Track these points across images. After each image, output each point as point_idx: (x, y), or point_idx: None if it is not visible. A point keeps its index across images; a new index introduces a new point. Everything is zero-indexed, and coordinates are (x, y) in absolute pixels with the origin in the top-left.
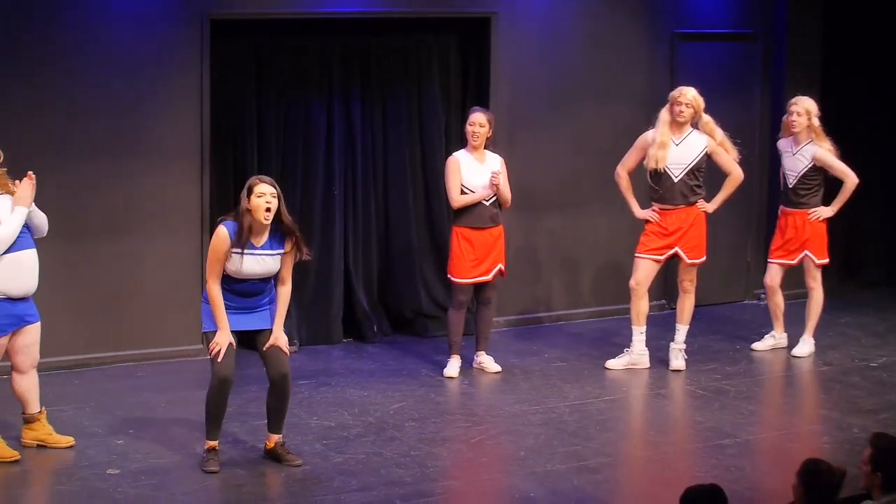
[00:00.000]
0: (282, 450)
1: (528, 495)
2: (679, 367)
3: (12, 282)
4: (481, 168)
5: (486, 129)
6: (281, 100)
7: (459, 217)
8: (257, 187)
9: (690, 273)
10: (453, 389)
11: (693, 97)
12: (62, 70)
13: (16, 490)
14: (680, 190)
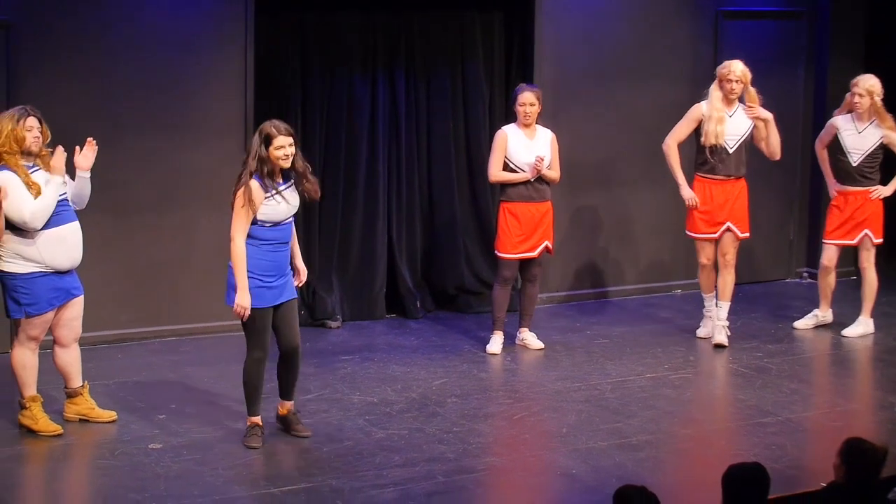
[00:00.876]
0: (293, 417)
1: (569, 472)
2: (722, 341)
3: (59, 255)
4: (530, 144)
5: (537, 107)
6: (324, 76)
7: (506, 192)
8: (276, 140)
9: (734, 247)
10: (496, 366)
11: (742, 72)
12: (107, 46)
13: (58, 464)
14: (734, 162)
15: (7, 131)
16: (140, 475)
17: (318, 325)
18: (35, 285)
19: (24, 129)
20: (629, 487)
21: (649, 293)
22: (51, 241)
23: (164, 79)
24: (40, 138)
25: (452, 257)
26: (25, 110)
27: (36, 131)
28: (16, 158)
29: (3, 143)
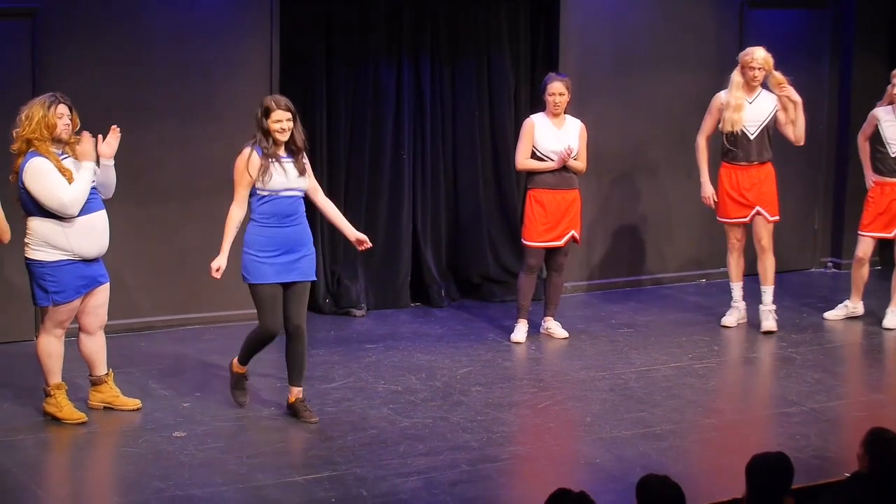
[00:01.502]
0: (300, 405)
1: (593, 461)
2: (771, 328)
3: (87, 244)
4: (558, 133)
5: (566, 96)
6: (350, 65)
7: (533, 180)
8: (274, 113)
9: (767, 231)
10: (520, 355)
11: (764, 59)
12: (132, 34)
13: (82, 452)
14: (757, 148)
15: (38, 118)
16: (164, 463)
17: (343, 313)
18: (62, 273)
19: (55, 116)
20: (652, 477)
21: (674, 282)
22: (80, 228)
23: (189, 67)
24: (70, 126)
25: (477, 246)
26: (56, 97)
27: (66, 118)
28: (46, 145)
29: (35, 130)
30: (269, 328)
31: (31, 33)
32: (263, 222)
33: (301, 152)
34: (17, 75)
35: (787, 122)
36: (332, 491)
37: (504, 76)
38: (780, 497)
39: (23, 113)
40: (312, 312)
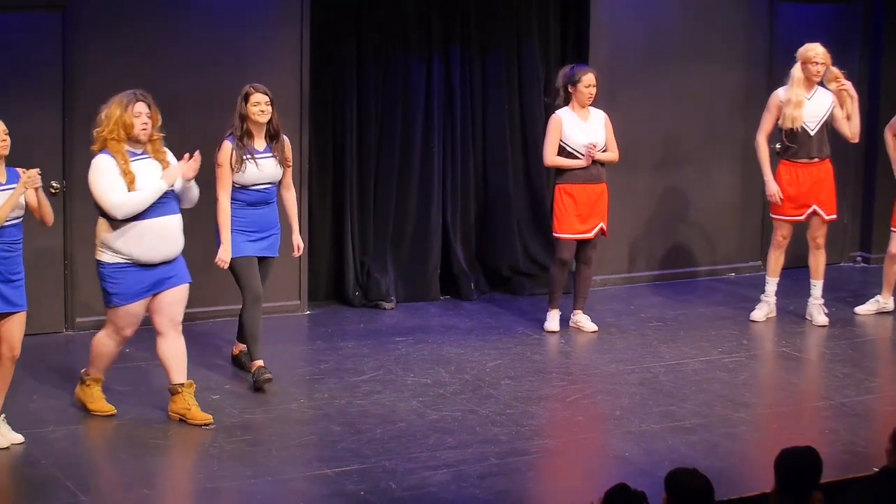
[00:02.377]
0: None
1: (622, 454)
2: (823, 322)
3: (146, 249)
4: (584, 126)
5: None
6: (380, 57)
7: (562, 174)
8: (253, 96)
9: (823, 230)
10: (550, 348)
11: (825, 54)
12: (162, 24)
13: (111, 444)
14: (817, 144)
15: (115, 117)
16: (193, 455)
17: (373, 306)
18: (121, 276)
19: (132, 115)
20: (681, 470)
21: (703, 276)
22: (139, 233)
23: (219, 58)
24: (149, 124)
25: (506, 239)
26: (134, 95)
27: (144, 117)
28: (120, 145)
29: (112, 131)
30: (254, 290)
31: (60, 25)
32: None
33: (280, 137)
34: (47, 67)
35: (843, 117)
36: (361, 484)
37: (534, 69)
38: (808, 491)
39: (102, 112)
40: (342, 305)
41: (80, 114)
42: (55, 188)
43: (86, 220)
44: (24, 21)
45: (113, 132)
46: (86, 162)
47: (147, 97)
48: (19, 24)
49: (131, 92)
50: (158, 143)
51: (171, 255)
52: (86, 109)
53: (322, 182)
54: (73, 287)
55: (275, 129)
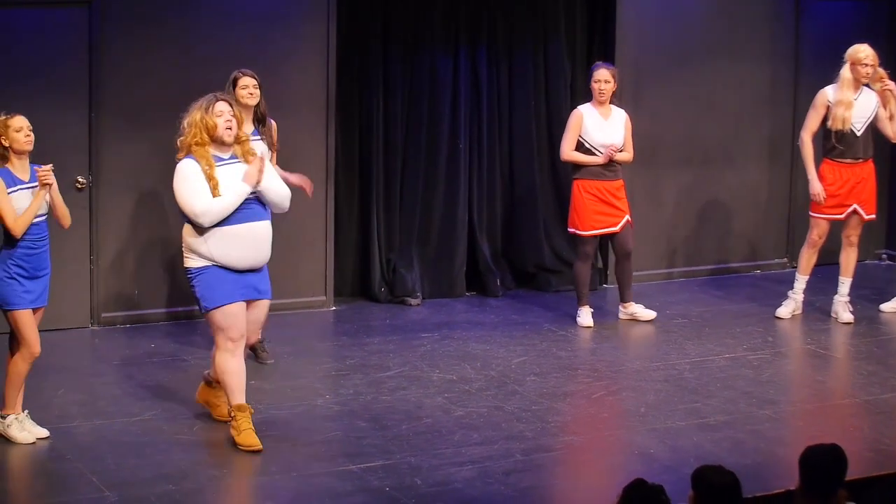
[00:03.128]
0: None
1: (647, 451)
2: (848, 319)
3: (233, 254)
4: (605, 124)
5: (612, 84)
6: (407, 53)
7: (580, 170)
8: (241, 80)
9: (860, 228)
10: (575, 344)
11: (874, 55)
12: (189, 20)
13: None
14: (863, 145)
15: (196, 121)
16: (218, 451)
17: (398, 302)
18: (209, 276)
19: (213, 116)
20: (708, 467)
21: (729, 273)
22: (223, 238)
23: (246, 54)
24: (233, 122)
25: (532, 235)
26: (214, 96)
27: (228, 115)
28: (205, 149)
29: (195, 135)
30: None
31: (87, 21)
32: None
33: (267, 121)
34: (74, 63)
35: (886, 117)
36: (386, 480)
37: (560, 66)
38: (833, 489)
39: (184, 120)
40: (368, 301)
41: (106, 109)
42: (81, 183)
43: (112, 214)
44: (50, 17)
45: (195, 136)
46: (112, 157)
47: (228, 97)
48: (46, 19)
49: (211, 94)
50: (247, 144)
51: (259, 263)
52: (112, 105)
53: (348, 179)
54: (99, 282)
55: (262, 113)
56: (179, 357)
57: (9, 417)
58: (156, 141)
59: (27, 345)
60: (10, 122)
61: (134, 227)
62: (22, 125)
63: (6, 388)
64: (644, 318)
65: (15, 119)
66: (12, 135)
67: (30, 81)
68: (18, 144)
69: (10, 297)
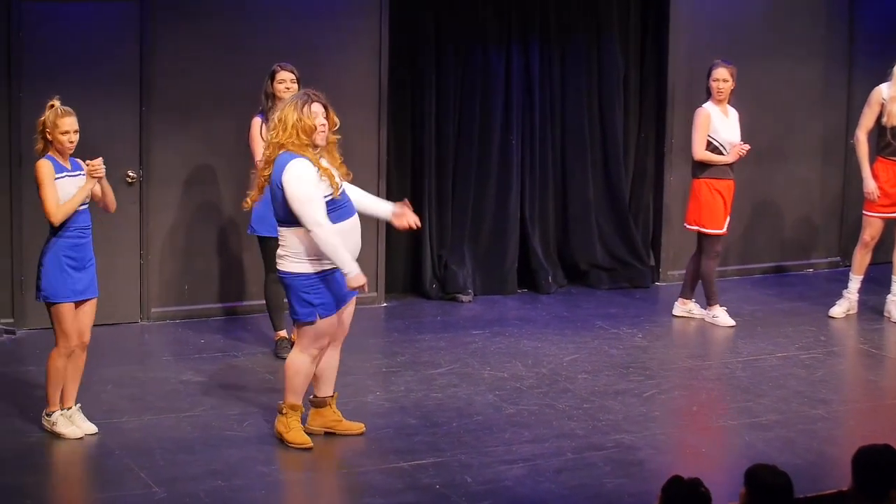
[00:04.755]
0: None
1: (699, 450)
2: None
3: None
4: (727, 122)
5: (730, 83)
6: (459, 48)
7: (706, 169)
8: (279, 74)
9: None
10: (627, 342)
11: None
12: (240, 16)
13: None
14: None
15: (292, 122)
16: (268, 447)
17: (450, 299)
18: (326, 283)
19: (310, 118)
20: (762, 466)
21: (781, 271)
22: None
23: (298, 48)
24: (326, 128)
25: (585, 232)
26: (308, 96)
27: (321, 118)
28: (310, 152)
29: (290, 136)
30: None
31: (138, 15)
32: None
33: None
34: (124, 58)
35: None
36: (436, 477)
37: (614, 60)
38: (885, 490)
39: (275, 116)
40: (419, 297)
41: (156, 103)
42: (132, 177)
43: (162, 209)
44: (101, 11)
45: (291, 137)
46: (162, 151)
47: (321, 96)
48: (97, 14)
49: (303, 92)
50: (333, 146)
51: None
52: (162, 99)
53: (400, 174)
54: (149, 277)
55: None
56: (230, 353)
57: (54, 415)
58: (206, 135)
59: (64, 338)
60: (59, 121)
61: (184, 221)
62: (69, 129)
63: (47, 385)
64: (699, 317)
65: (65, 119)
66: (57, 135)
67: (81, 76)
68: (61, 146)
69: (58, 287)
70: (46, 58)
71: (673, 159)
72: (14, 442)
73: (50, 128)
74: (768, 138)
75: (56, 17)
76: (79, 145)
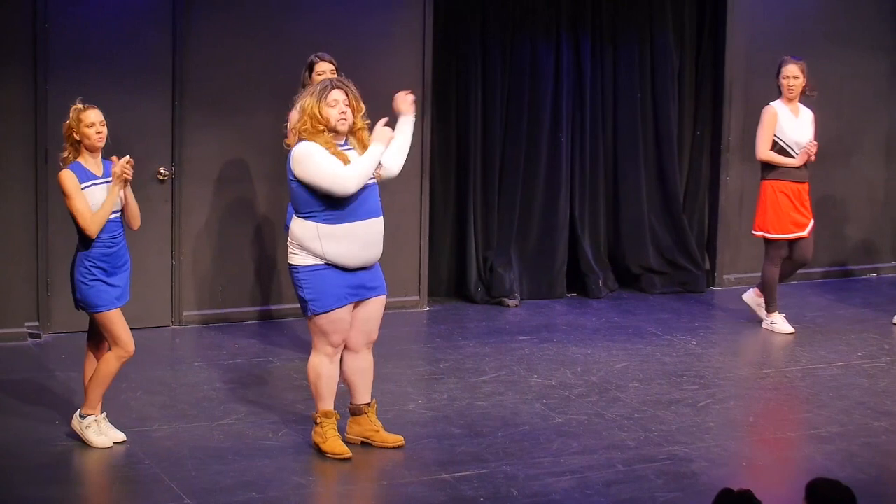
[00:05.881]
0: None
1: (756, 463)
2: None
3: (344, 252)
4: (796, 121)
5: (801, 80)
6: (506, 41)
7: (773, 170)
8: (318, 65)
9: None
10: (681, 350)
11: None
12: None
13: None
14: None
15: (308, 109)
16: (304, 457)
17: (496, 303)
18: (318, 279)
19: (326, 106)
20: (824, 480)
21: (843, 276)
22: (336, 234)
23: (339, 40)
24: (347, 113)
25: (637, 234)
26: (331, 82)
27: (342, 105)
28: (322, 136)
29: (305, 122)
30: None
31: (170, 4)
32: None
33: None
34: (157, 50)
35: None
36: (480, 490)
37: (668, 56)
38: None
39: (296, 104)
40: (464, 302)
41: (189, 97)
42: (164, 175)
43: (195, 208)
44: (133, 3)
45: (306, 124)
46: (195, 145)
47: (345, 84)
48: (129, 5)
49: (328, 79)
50: (363, 133)
51: (371, 261)
52: (196, 91)
53: (444, 172)
54: (181, 279)
55: None
56: (265, 358)
57: (88, 418)
58: (242, 129)
59: (122, 345)
60: (82, 115)
61: (218, 221)
62: (94, 120)
63: (91, 386)
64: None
65: (88, 112)
66: (83, 129)
67: (109, 68)
68: (89, 140)
69: (96, 299)
70: (73, 49)
71: (730, 158)
72: (39, 451)
73: (75, 125)
74: (829, 136)
75: (83, 6)
76: (108, 141)
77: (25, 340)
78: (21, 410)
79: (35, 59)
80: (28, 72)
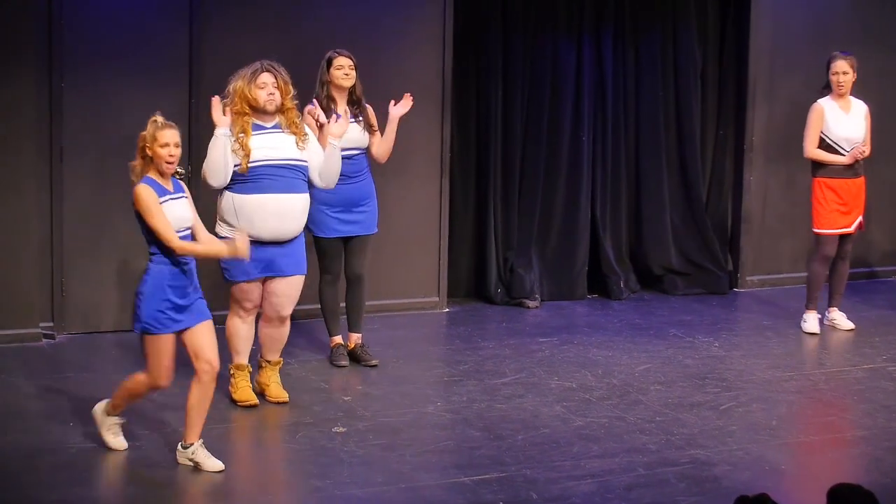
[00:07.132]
0: (361, 350)
1: (778, 467)
2: None
3: (256, 224)
4: (846, 118)
5: (851, 75)
6: (528, 41)
7: (822, 167)
8: (336, 60)
9: None
10: (703, 352)
11: None
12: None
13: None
14: None
15: (239, 90)
16: (322, 460)
17: (516, 304)
18: None
19: (256, 87)
20: (846, 486)
21: (867, 277)
22: (249, 207)
23: (355, 37)
24: (276, 94)
25: (659, 235)
26: (261, 65)
27: (271, 87)
28: (244, 118)
29: (236, 104)
30: (332, 271)
31: (188, 4)
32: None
33: (362, 103)
34: (173, 47)
35: None
36: (500, 493)
37: (691, 53)
38: None
39: (229, 85)
40: (483, 303)
41: (205, 96)
42: (180, 173)
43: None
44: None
45: (237, 105)
46: None
47: (274, 67)
48: (145, 0)
49: (258, 62)
50: (292, 113)
51: (282, 236)
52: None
53: (464, 172)
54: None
55: (357, 96)
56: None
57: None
58: None
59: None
60: (158, 133)
61: None
62: (169, 141)
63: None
64: (843, 328)
65: (164, 132)
66: (157, 149)
67: (125, 64)
68: (160, 161)
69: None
70: (88, 47)
71: (753, 158)
72: (53, 453)
73: (149, 142)
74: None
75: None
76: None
77: (40, 341)
78: (35, 412)
79: (50, 56)
80: (43, 69)
